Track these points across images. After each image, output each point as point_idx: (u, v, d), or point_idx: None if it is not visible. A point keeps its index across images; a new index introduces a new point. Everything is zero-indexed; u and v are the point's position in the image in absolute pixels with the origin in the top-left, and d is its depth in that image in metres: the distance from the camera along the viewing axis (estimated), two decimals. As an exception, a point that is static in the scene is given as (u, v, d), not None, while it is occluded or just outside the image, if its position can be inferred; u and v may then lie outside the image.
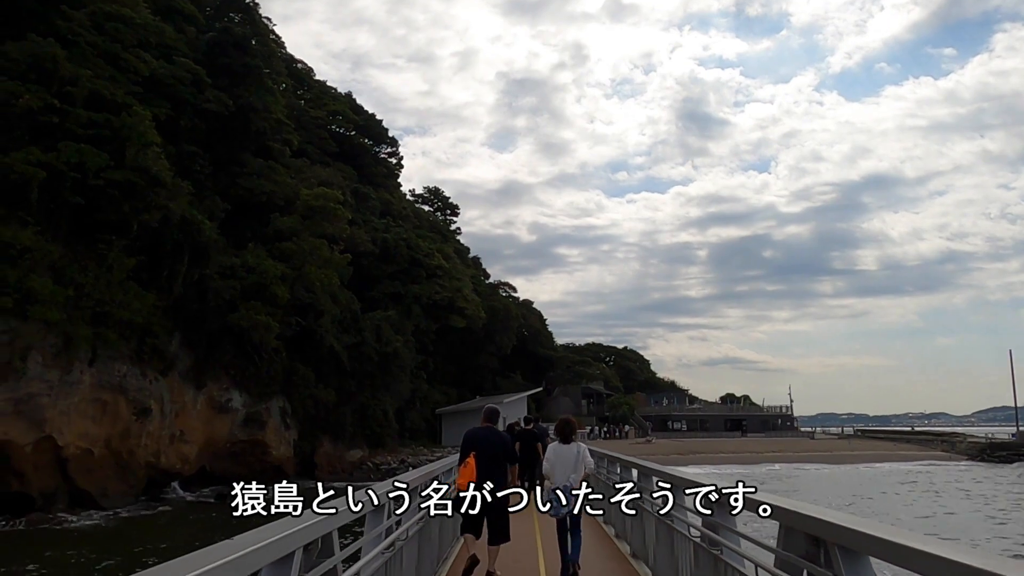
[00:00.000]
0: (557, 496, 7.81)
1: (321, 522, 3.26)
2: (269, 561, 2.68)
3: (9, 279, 27.97)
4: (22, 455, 28.78)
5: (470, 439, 8.08)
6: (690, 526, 5.56)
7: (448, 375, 67.75)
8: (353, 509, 3.86)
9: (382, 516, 5.05)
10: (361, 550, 4.59)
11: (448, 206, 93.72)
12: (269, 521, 3.03)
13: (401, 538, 5.45)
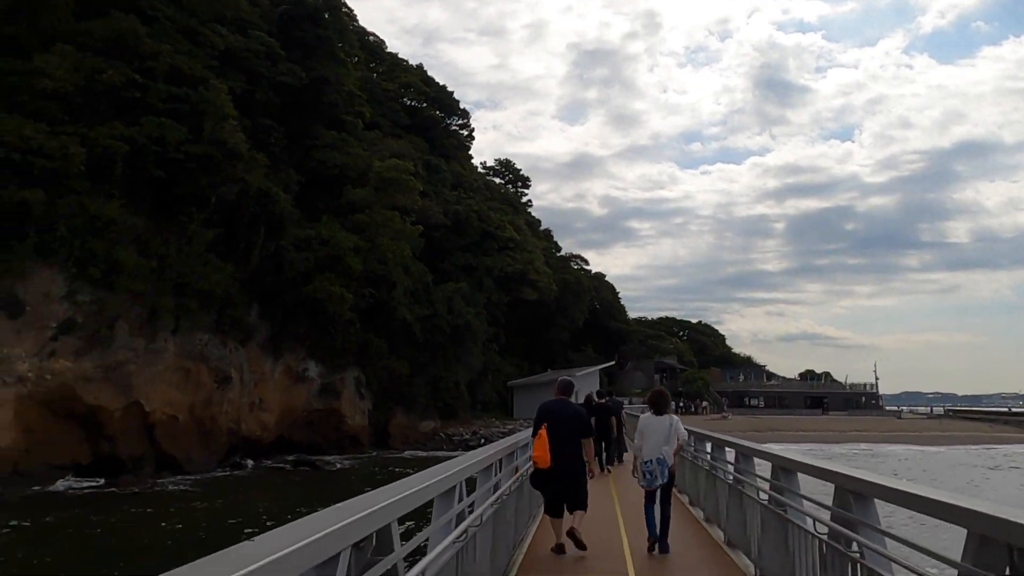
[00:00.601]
0: (649, 467, 7.82)
1: (375, 513, 2.62)
2: (310, 565, 2.07)
3: (96, 251, 28.86)
4: (112, 420, 29.89)
5: (544, 411, 7.89)
6: (812, 518, 4.74)
7: (520, 348, 67.50)
8: (419, 493, 3.25)
9: (452, 499, 4.39)
10: (428, 542, 3.93)
11: (519, 178, 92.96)
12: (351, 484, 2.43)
13: (475, 524, 4.76)
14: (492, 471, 6.20)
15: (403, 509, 3.06)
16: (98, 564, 15.57)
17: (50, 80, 29.16)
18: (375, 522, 2.63)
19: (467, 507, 4.80)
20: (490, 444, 6.99)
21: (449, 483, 4.19)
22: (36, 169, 27.28)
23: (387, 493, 3.02)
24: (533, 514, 9.75)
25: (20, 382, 26.99)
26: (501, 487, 6.53)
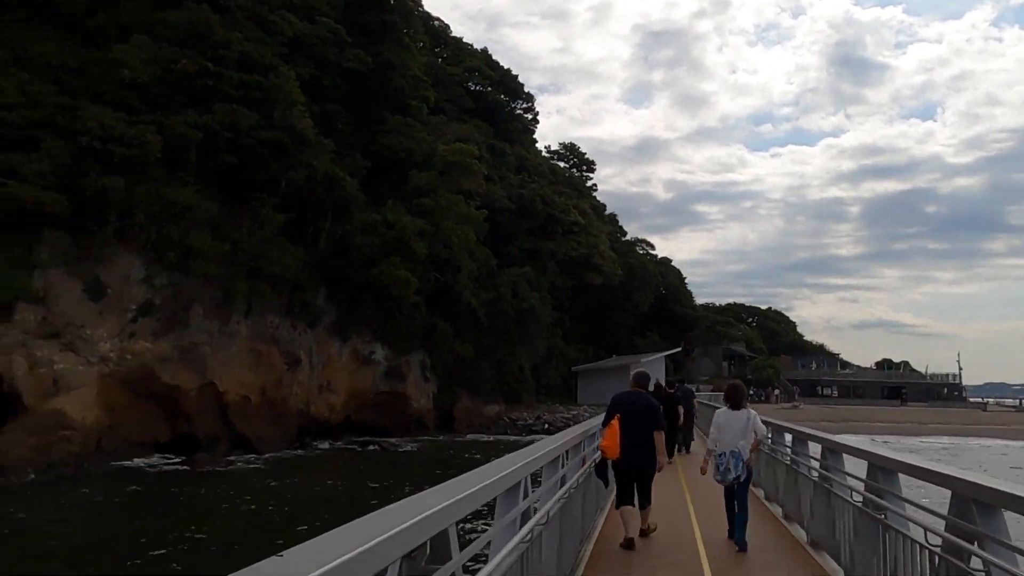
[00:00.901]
0: (722, 460, 7.67)
1: (430, 518, 2.28)
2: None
3: (172, 236, 29.76)
4: (188, 399, 30.92)
5: (617, 402, 7.82)
6: (921, 526, 4.23)
7: (584, 333, 66.94)
8: (480, 492, 2.93)
9: (517, 497, 3.99)
10: (490, 545, 3.59)
11: (584, 162, 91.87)
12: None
13: (541, 522, 4.41)
14: (559, 463, 5.83)
15: (462, 511, 2.73)
16: (180, 535, 16.04)
17: (128, 70, 30.08)
18: (430, 528, 2.31)
19: (532, 504, 4.42)
20: (556, 434, 6.64)
21: (513, 479, 3.82)
22: (116, 157, 28.22)
23: (444, 493, 2.68)
24: (601, 506, 9.41)
25: (103, 362, 28.12)
26: (568, 480, 6.15)
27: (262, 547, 11.63)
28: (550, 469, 5.42)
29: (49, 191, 26.58)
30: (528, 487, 4.25)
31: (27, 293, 27.25)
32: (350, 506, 20.09)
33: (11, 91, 27.50)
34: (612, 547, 7.64)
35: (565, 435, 7.09)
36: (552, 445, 5.45)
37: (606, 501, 9.82)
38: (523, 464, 4.22)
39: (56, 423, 25.29)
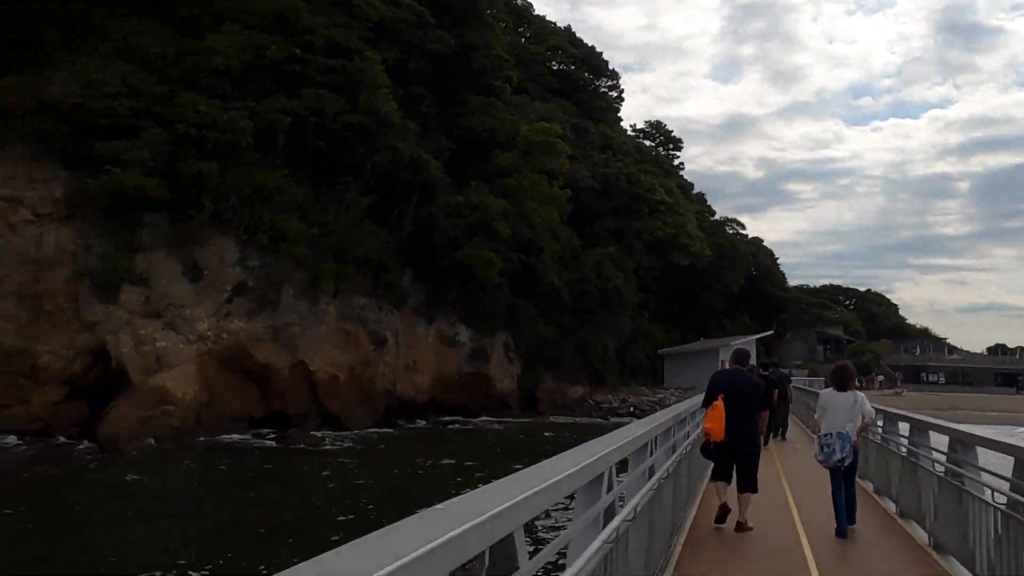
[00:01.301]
0: (827, 440, 7.35)
1: (490, 522, 1.83)
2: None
3: (264, 219, 30.62)
4: (281, 378, 31.90)
5: (718, 381, 7.61)
6: None
7: (670, 314, 65.40)
8: (555, 487, 2.48)
9: (599, 490, 3.51)
10: (568, 549, 3.15)
11: (670, 140, 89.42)
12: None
13: (628, 517, 3.94)
14: (647, 450, 5.33)
15: (532, 511, 2.28)
16: (275, 509, 16.48)
17: (221, 58, 30.97)
18: (489, 534, 1.87)
19: (617, 498, 3.94)
20: (644, 418, 6.13)
21: (595, 470, 3.36)
22: (210, 143, 29.19)
23: (509, 489, 2.23)
24: (693, 493, 8.88)
25: (200, 340, 29.31)
26: (658, 470, 5.63)
27: (351, 522, 11.62)
28: (637, 457, 4.96)
29: (149, 177, 27.78)
30: (613, 478, 3.77)
31: (131, 275, 28.66)
32: (435, 482, 20.20)
33: (114, 82, 28.80)
34: (705, 538, 7.30)
35: (654, 419, 6.59)
36: (640, 431, 4.95)
37: (698, 488, 9.34)
38: (607, 452, 3.76)
39: (159, 399, 26.55)
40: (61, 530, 14.24)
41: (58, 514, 15.73)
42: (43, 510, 16.06)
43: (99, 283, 28.35)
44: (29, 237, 28.92)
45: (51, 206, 29.01)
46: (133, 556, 12.68)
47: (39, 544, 13.27)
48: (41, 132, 28.59)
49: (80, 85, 28.42)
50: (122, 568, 11.88)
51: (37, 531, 14.19)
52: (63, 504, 16.66)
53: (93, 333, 28.48)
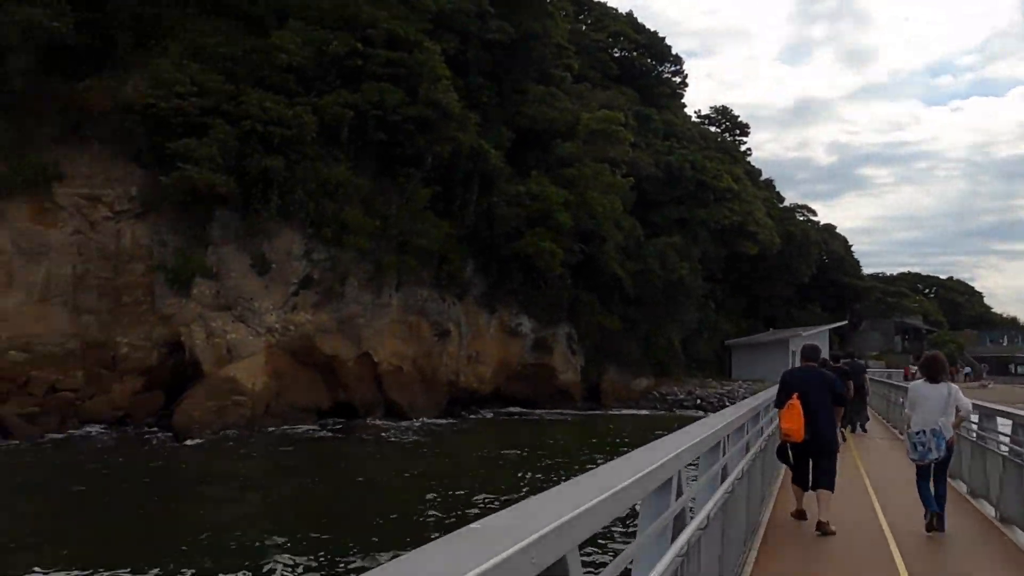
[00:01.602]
0: (921, 438, 6.93)
1: (539, 544, 1.47)
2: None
3: (328, 212, 31.06)
4: (346, 369, 32.39)
5: (791, 380, 7.37)
6: None
7: (738, 305, 63.75)
8: (617, 498, 2.15)
9: (668, 498, 3.14)
10: (633, 567, 2.79)
11: (737, 125, 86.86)
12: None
13: (700, 526, 3.60)
14: (719, 450, 4.94)
15: (591, 528, 1.92)
16: (344, 497, 16.67)
17: (285, 55, 31.50)
18: (537, 560, 1.49)
19: (687, 504, 3.56)
20: (713, 414, 5.71)
21: (665, 473, 2.99)
22: (276, 138, 29.75)
23: (562, 501, 1.85)
24: (767, 494, 8.42)
25: (269, 332, 29.99)
26: (731, 471, 5.23)
27: (406, 513, 11.63)
28: (709, 458, 4.59)
29: (218, 173, 28.49)
30: (682, 483, 3.40)
31: (203, 269, 29.52)
32: (498, 472, 20.07)
33: (185, 81, 29.61)
34: (782, 542, 6.86)
35: (725, 416, 6.13)
36: (710, 429, 4.52)
37: (773, 488, 8.89)
38: (678, 453, 3.41)
39: (230, 389, 27.28)
40: (150, 507, 14.87)
41: (146, 494, 16.42)
42: (131, 491, 16.74)
43: (173, 277, 29.32)
44: (108, 233, 30.14)
45: (128, 203, 30.14)
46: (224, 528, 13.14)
47: (136, 518, 13.86)
48: (118, 132, 29.71)
49: (152, 85, 29.34)
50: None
51: (130, 506, 14.89)
52: (148, 485, 17.37)
53: (168, 325, 29.51)
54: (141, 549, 11.83)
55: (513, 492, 16.35)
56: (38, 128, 29.58)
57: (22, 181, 28.65)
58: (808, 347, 8.02)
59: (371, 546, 12.11)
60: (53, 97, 29.70)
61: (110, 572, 10.45)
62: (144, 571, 10.51)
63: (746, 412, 6.87)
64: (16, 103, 28.87)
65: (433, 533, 12.36)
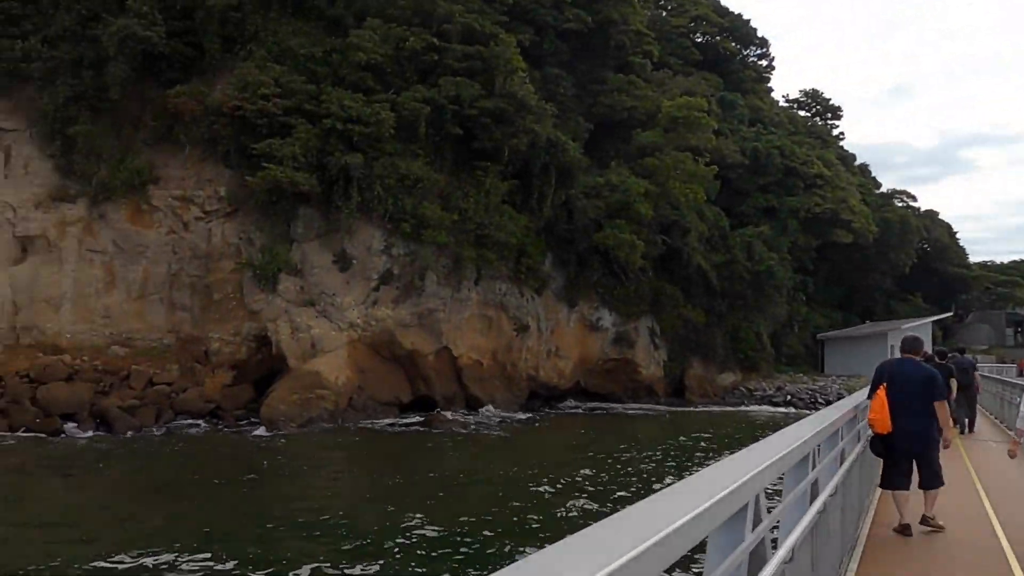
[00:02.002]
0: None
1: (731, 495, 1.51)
2: None
3: (407, 207, 31.27)
4: (427, 363, 32.60)
5: (883, 371, 7.13)
6: None
7: (831, 297, 60.84)
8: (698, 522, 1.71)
9: (806, 468, 2.70)
10: (779, 527, 2.79)
11: (828, 109, 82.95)
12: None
13: (831, 493, 3.17)
14: (838, 436, 4.82)
15: (672, 554, 1.64)
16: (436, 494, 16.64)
17: (364, 53, 31.88)
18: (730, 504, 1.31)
19: (766, 535, 3.01)
20: (798, 424, 5.08)
21: (804, 450, 2.73)
22: (355, 135, 30.16)
23: (639, 521, 1.64)
24: (864, 507, 7.68)
25: (351, 327, 30.48)
26: (822, 489, 4.57)
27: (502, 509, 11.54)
28: (795, 473, 4.20)
29: (301, 171, 29.11)
30: (760, 509, 2.96)
31: (288, 265, 30.27)
32: (584, 469, 19.63)
33: (268, 83, 30.40)
34: (887, 530, 6.72)
35: (815, 422, 5.59)
36: (797, 440, 3.98)
37: (873, 496, 8.17)
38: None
39: (314, 383, 27.87)
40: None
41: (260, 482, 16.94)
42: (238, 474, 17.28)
43: (260, 274, 30.18)
44: (200, 233, 31.33)
45: (217, 203, 31.24)
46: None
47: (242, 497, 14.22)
48: (207, 135, 30.81)
49: (238, 89, 30.25)
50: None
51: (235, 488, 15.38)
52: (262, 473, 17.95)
53: (256, 321, 30.42)
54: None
55: (599, 498, 15.91)
56: (135, 133, 31.09)
57: (121, 185, 30.14)
58: (909, 338, 7.59)
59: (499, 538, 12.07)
60: (148, 103, 31.13)
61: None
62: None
63: (840, 415, 6.15)
64: (114, 110, 30.39)
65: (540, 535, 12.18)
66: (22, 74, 29.29)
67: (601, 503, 14.97)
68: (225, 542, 11.78)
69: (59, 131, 29.39)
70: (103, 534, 12.47)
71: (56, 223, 29.61)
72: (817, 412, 7.65)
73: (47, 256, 29.56)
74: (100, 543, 11.71)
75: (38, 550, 11.47)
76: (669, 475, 18.24)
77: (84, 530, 12.78)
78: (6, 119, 29.53)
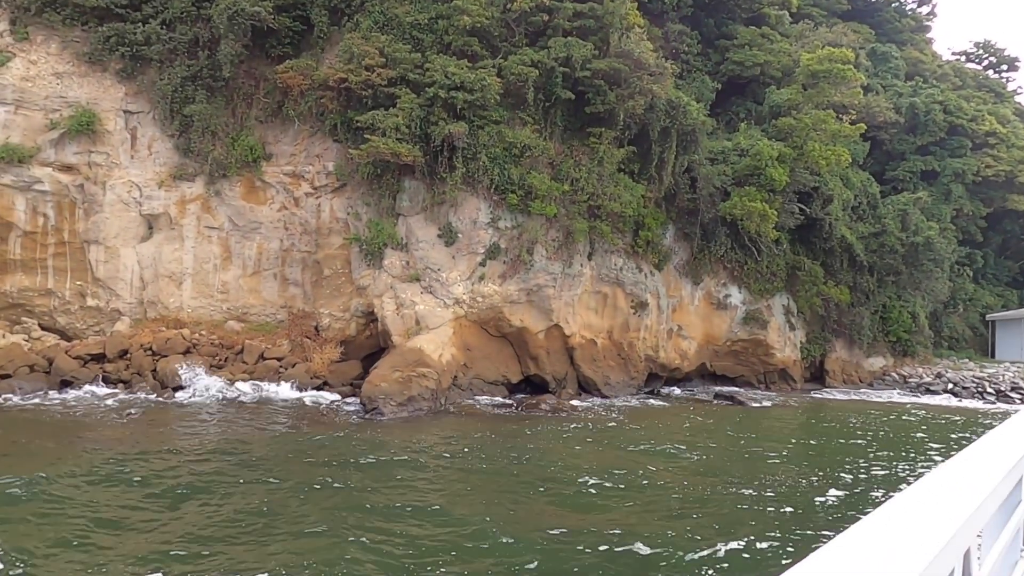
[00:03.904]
0: None
1: None
2: None
3: (514, 177, 29.66)
4: (536, 341, 31.03)
5: None
6: None
7: (1004, 272, 53.52)
8: None
9: None
10: None
11: (1003, 60, 73.18)
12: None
13: None
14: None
15: None
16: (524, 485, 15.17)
17: (469, 17, 30.41)
18: None
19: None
20: (994, 431, 3.22)
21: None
22: (459, 103, 28.81)
23: None
24: None
25: (457, 303, 29.39)
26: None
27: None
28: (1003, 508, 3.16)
29: (404, 143, 28.18)
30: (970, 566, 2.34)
31: (393, 240, 29.57)
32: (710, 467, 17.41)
33: (373, 54, 29.63)
34: None
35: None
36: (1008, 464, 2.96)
37: None
38: (957, 533, 2.16)
39: (416, 360, 27.01)
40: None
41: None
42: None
43: (367, 249, 29.72)
44: (310, 208, 31.29)
45: (325, 179, 31.02)
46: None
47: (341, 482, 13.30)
48: (315, 109, 30.59)
49: (343, 60, 29.71)
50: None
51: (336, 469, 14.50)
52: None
53: (363, 297, 30.04)
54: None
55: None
56: (248, 111, 31.39)
57: (235, 162, 30.56)
58: None
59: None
60: (260, 81, 31.32)
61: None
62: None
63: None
64: (228, 88, 30.79)
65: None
66: (144, 57, 30.20)
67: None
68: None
69: (177, 111, 30.14)
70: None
71: (177, 201, 30.48)
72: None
73: (169, 233, 30.53)
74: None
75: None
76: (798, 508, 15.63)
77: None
78: (132, 101, 30.61)
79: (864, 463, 18.82)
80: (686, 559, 10.56)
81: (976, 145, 48.17)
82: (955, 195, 46.67)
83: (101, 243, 29.84)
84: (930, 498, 2.41)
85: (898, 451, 20.99)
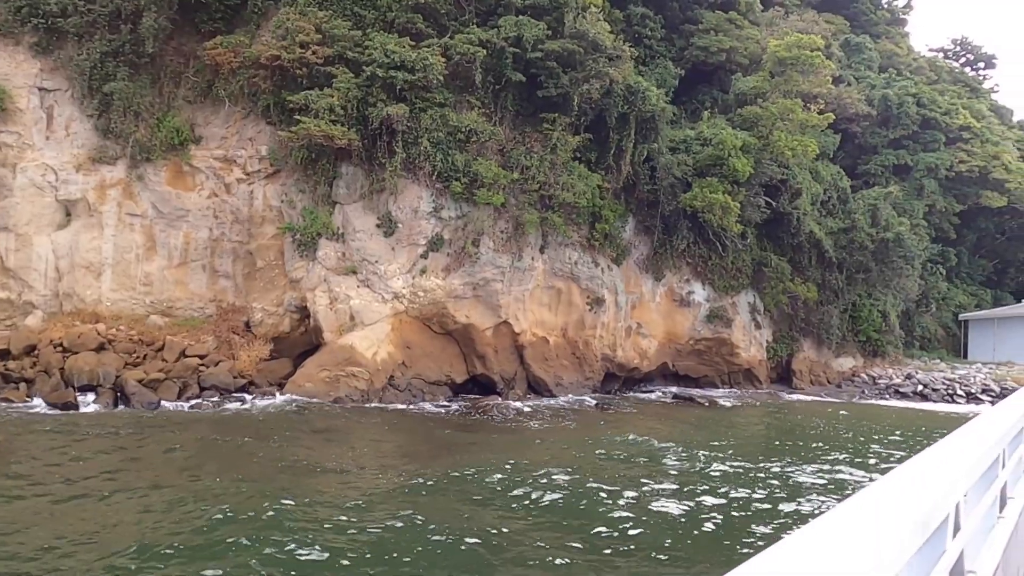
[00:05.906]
0: None
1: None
2: None
3: (458, 164, 27.78)
4: (483, 339, 29.20)
5: None
6: None
7: (978, 271, 52.44)
8: None
9: None
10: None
11: (980, 58, 72.37)
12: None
13: None
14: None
15: None
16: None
17: (413, -8, 28.49)
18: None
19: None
20: (974, 422, 3.90)
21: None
22: (399, 83, 26.88)
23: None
24: None
25: (396, 298, 27.49)
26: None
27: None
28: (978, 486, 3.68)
29: (339, 125, 26.21)
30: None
31: (328, 230, 27.60)
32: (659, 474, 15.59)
33: (309, 30, 27.61)
34: None
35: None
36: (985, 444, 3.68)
37: None
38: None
39: (346, 359, 25.10)
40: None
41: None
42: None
43: (300, 239, 27.75)
44: (242, 195, 29.22)
45: (258, 164, 28.96)
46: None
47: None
48: (247, 90, 28.50)
49: (278, 38, 27.67)
50: None
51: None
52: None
53: (297, 290, 28.06)
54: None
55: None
56: (175, 90, 29.23)
57: (160, 145, 28.39)
58: None
59: None
60: (189, 58, 29.18)
61: None
62: None
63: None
64: (153, 65, 28.63)
65: None
66: (61, 30, 27.94)
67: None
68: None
69: (97, 89, 27.91)
70: None
71: (96, 186, 28.27)
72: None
73: (88, 221, 28.32)
74: None
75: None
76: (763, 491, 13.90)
77: None
78: (48, 78, 28.33)
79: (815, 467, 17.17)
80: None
81: (950, 139, 46.92)
82: (928, 190, 45.40)
83: (11, 230, 27.56)
84: (929, 463, 3.18)
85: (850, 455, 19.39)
